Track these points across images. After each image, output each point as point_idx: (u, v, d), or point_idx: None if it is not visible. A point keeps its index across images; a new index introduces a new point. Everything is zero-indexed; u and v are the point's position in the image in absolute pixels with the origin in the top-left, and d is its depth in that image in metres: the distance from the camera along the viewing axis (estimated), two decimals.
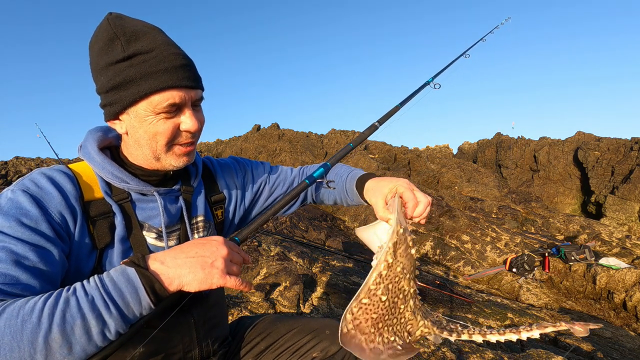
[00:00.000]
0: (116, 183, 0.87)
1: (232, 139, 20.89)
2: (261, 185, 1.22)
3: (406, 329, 0.76)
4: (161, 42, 0.81)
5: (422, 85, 1.36)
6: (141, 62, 0.79)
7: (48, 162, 18.04)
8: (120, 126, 0.87)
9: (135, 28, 0.80)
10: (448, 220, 7.12)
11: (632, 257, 5.94)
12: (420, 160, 12.85)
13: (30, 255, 0.70)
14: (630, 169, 13.50)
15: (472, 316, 3.86)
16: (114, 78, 0.80)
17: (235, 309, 3.02)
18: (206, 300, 1.03)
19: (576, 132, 16.75)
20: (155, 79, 0.79)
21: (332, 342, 1.15)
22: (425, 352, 2.48)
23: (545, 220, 7.99)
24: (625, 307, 4.76)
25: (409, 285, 0.77)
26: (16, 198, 0.74)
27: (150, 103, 0.81)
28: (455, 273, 5.96)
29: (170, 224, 0.95)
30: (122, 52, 0.79)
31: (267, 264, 4.00)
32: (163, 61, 0.80)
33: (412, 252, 0.79)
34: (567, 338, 3.47)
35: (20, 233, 0.70)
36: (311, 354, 1.13)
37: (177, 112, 0.85)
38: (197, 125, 0.87)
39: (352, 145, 1.14)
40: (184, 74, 0.83)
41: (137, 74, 0.79)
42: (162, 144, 0.86)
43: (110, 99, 0.82)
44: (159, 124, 0.83)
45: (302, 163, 14.91)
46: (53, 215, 0.76)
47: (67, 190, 0.81)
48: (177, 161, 0.90)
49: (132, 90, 0.80)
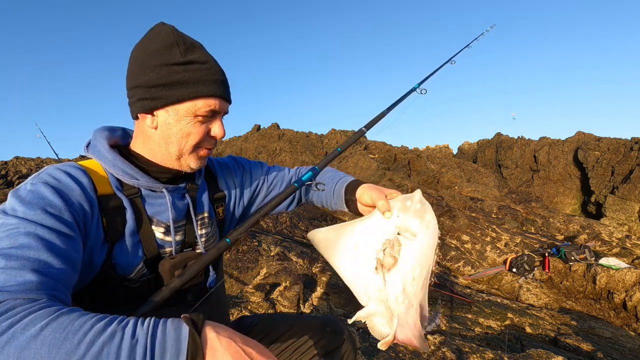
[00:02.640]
0: (126, 179, 0.91)
1: (232, 139, 20.89)
2: (259, 184, 1.25)
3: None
4: (211, 58, 0.93)
5: (409, 91, 1.40)
6: (196, 70, 0.89)
7: (48, 162, 18.03)
8: (151, 120, 0.92)
9: (193, 42, 0.92)
10: (448, 220, 7.13)
11: (632, 257, 5.94)
12: (420, 160, 12.85)
13: (58, 242, 0.71)
14: (630, 169, 13.50)
15: (472, 316, 3.86)
16: (167, 76, 0.87)
17: (235, 309, 3.02)
18: (210, 298, 1.05)
19: (576, 132, 16.76)
20: (206, 86, 0.89)
21: (334, 339, 1.18)
22: (425, 352, 2.48)
23: (545, 220, 7.99)
24: (625, 307, 4.76)
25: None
26: (37, 189, 0.76)
27: (194, 105, 0.89)
28: (455, 273, 5.96)
29: (177, 220, 0.99)
30: (180, 57, 0.88)
31: (267, 264, 4.00)
32: (213, 73, 0.91)
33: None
34: (567, 338, 3.47)
35: (47, 221, 0.72)
36: (312, 351, 1.16)
37: (211, 119, 0.94)
38: (224, 134, 0.96)
39: (340, 150, 1.18)
40: (225, 89, 0.94)
41: (192, 78, 0.88)
42: (190, 144, 0.93)
43: (155, 94, 0.88)
44: (194, 126, 0.91)
45: (302, 163, 14.91)
46: (75, 206, 0.79)
47: (84, 183, 0.84)
48: (196, 163, 0.97)
49: (183, 90, 0.88)
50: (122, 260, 0.88)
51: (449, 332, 3.22)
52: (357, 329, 2.75)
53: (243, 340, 0.64)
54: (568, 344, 3.35)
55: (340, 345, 1.18)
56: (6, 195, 2.32)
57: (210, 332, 0.63)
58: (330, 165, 1.23)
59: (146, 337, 0.60)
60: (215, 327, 0.64)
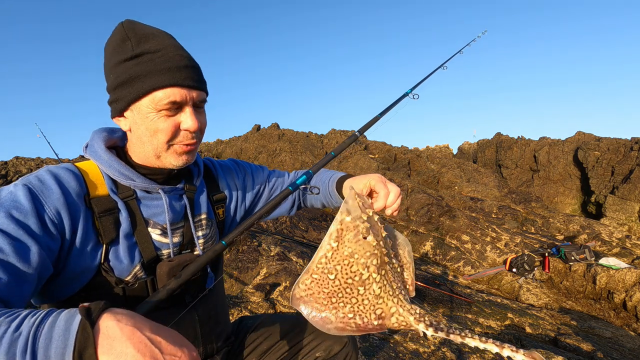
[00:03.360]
0: (122, 180, 0.90)
1: (232, 139, 20.89)
2: (262, 187, 1.26)
3: (374, 312, 0.80)
4: (169, 44, 0.86)
5: (402, 96, 1.41)
6: (147, 61, 0.83)
7: (48, 162, 18.03)
8: (124, 123, 0.90)
9: (146, 31, 0.85)
10: (448, 220, 7.12)
11: (632, 257, 5.94)
12: (420, 160, 12.85)
13: (6, 248, 0.69)
14: (630, 169, 13.49)
15: (472, 316, 3.86)
16: (121, 75, 0.84)
17: (235, 309, 3.02)
18: (209, 296, 1.05)
19: (576, 132, 16.74)
20: (159, 77, 0.83)
21: (334, 342, 1.17)
22: (425, 352, 2.48)
23: (545, 220, 7.99)
24: (625, 307, 4.76)
25: (367, 270, 0.81)
26: (15, 191, 0.76)
27: (152, 100, 0.84)
28: (455, 273, 5.96)
29: (174, 221, 0.97)
30: (130, 51, 0.83)
31: (267, 264, 4.00)
32: (168, 61, 0.84)
33: (368, 239, 0.82)
34: (567, 338, 3.47)
35: (5, 225, 0.71)
36: (314, 353, 1.15)
37: (178, 111, 0.88)
38: (196, 125, 0.88)
39: (334, 154, 1.18)
40: (187, 74, 0.86)
41: (142, 71, 0.83)
42: (162, 141, 0.88)
43: (117, 96, 0.86)
44: (159, 121, 0.86)
45: (302, 163, 14.89)
46: (47, 211, 0.77)
47: (70, 187, 0.83)
48: (177, 160, 0.91)
49: (136, 86, 0.83)
50: (119, 262, 0.87)
51: None
52: None
53: (152, 329, 0.57)
54: (568, 344, 3.35)
55: (342, 348, 1.17)
56: None
57: (109, 320, 0.56)
58: (330, 165, 1.24)
59: (30, 329, 0.54)
60: (117, 314, 0.57)
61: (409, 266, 0.92)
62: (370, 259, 0.80)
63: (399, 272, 0.88)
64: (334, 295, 0.80)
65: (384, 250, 0.83)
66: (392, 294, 0.81)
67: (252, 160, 16.88)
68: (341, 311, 0.79)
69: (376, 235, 0.83)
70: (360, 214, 0.84)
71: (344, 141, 1.23)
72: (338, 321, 0.79)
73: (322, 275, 0.81)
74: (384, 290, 0.81)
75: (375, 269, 0.80)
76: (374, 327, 0.80)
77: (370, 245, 0.81)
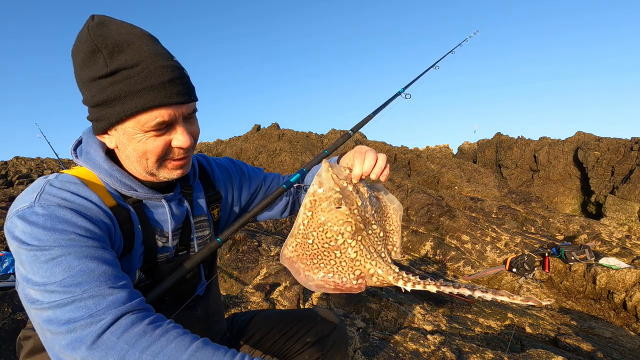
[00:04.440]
0: (124, 190, 0.85)
1: (232, 139, 20.88)
2: (258, 187, 1.25)
3: (352, 272, 0.88)
4: (148, 53, 0.75)
5: (394, 95, 1.43)
6: (125, 79, 0.73)
7: (48, 162, 18.04)
8: (109, 141, 0.83)
9: (119, 38, 0.74)
10: (448, 220, 7.12)
11: (632, 257, 5.94)
12: (420, 160, 12.84)
13: (106, 255, 0.72)
14: (630, 169, 13.49)
15: (472, 316, 3.86)
16: (97, 95, 0.75)
17: (235, 309, 3.02)
18: (208, 297, 1.07)
19: (576, 132, 16.75)
20: (141, 98, 0.74)
21: (325, 326, 1.19)
22: (425, 352, 2.48)
23: (545, 220, 7.99)
24: (625, 307, 4.76)
25: (342, 237, 0.87)
26: (55, 213, 0.71)
27: (137, 122, 0.76)
28: (455, 273, 5.96)
29: (176, 227, 0.97)
30: (104, 67, 0.73)
31: (267, 264, 4.00)
32: (149, 77, 0.74)
33: (342, 209, 0.88)
34: (567, 338, 3.47)
35: (85, 241, 0.71)
36: (305, 338, 1.17)
37: (168, 129, 0.80)
38: (189, 142, 0.83)
39: (327, 152, 1.19)
40: (174, 90, 0.77)
41: (122, 92, 0.73)
42: (152, 161, 0.82)
43: (97, 115, 0.78)
44: (148, 142, 0.79)
45: (302, 163, 14.90)
46: (98, 223, 0.77)
47: (94, 199, 0.79)
48: (171, 174, 0.88)
49: (117, 108, 0.75)
50: (128, 268, 0.87)
51: (449, 332, 3.22)
52: (357, 329, 2.75)
53: None
54: (568, 344, 3.35)
55: (331, 332, 1.19)
56: (6, 195, 2.29)
57: None
58: None
59: None
60: None
61: (397, 230, 1.01)
62: (343, 226, 0.87)
63: (382, 236, 0.95)
64: (314, 257, 0.89)
65: (359, 217, 0.89)
66: (370, 257, 0.89)
67: (252, 160, 16.87)
68: (322, 271, 0.88)
69: (350, 204, 0.88)
70: (333, 186, 0.89)
71: (337, 139, 1.26)
72: (319, 279, 0.87)
73: (303, 240, 0.90)
74: (361, 254, 0.88)
75: (350, 235, 0.87)
76: (353, 286, 0.87)
77: (343, 214, 0.87)
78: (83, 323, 0.62)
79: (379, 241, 0.93)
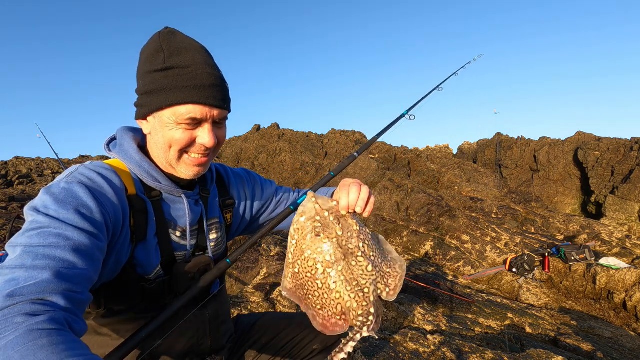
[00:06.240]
0: (149, 182, 0.93)
1: (232, 139, 20.88)
2: (269, 199, 1.31)
3: (335, 307, 0.87)
4: (199, 60, 0.88)
5: (398, 117, 1.50)
6: (175, 76, 0.86)
7: (48, 162, 18.02)
8: (146, 126, 0.94)
9: (180, 45, 0.88)
10: (448, 220, 7.12)
11: (632, 257, 5.94)
12: (420, 160, 12.84)
13: (85, 243, 0.73)
14: (630, 169, 13.49)
15: (472, 316, 3.86)
16: (149, 84, 0.88)
17: (236, 308, 3.02)
18: (217, 298, 1.10)
19: (576, 132, 16.74)
20: (183, 93, 0.86)
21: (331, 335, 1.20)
22: (425, 352, 2.48)
23: (545, 220, 7.99)
24: (625, 307, 4.76)
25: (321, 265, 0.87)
26: (72, 188, 0.78)
27: (174, 112, 0.87)
28: (455, 273, 5.96)
29: (192, 224, 1.02)
30: (161, 64, 0.87)
31: (267, 264, 4.00)
32: (195, 78, 0.86)
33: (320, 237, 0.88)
34: (567, 338, 3.47)
35: (77, 222, 0.74)
36: (311, 346, 1.20)
37: (197, 126, 0.91)
38: (212, 141, 0.92)
39: (333, 174, 1.25)
40: (211, 93, 0.88)
41: (169, 85, 0.86)
42: (174, 151, 0.91)
43: (143, 101, 0.91)
44: (177, 133, 0.89)
45: (302, 163, 14.89)
46: (107, 207, 0.81)
47: (116, 184, 0.87)
48: (189, 170, 0.95)
49: (161, 98, 0.87)
50: (144, 261, 0.91)
51: (449, 332, 3.22)
52: None
53: None
54: (568, 344, 3.35)
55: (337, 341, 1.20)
56: (6, 195, 2.31)
57: None
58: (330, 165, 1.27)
59: None
60: None
61: (398, 276, 0.95)
62: (321, 255, 0.87)
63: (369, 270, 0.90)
64: (303, 287, 0.90)
65: (339, 247, 0.88)
66: (350, 289, 0.86)
67: (252, 160, 16.88)
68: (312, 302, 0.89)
69: (328, 233, 0.88)
70: (314, 215, 0.90)
71: (342, 161, 1.32)
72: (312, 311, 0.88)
73: (293, 269, 0.91)
74: (340, 285, 0.87)
75: (329, 264, 0.87)
76: (337, 322, 0.87)
77: (321, 243, 0.87)
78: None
79: (365, 275, 0.88)
